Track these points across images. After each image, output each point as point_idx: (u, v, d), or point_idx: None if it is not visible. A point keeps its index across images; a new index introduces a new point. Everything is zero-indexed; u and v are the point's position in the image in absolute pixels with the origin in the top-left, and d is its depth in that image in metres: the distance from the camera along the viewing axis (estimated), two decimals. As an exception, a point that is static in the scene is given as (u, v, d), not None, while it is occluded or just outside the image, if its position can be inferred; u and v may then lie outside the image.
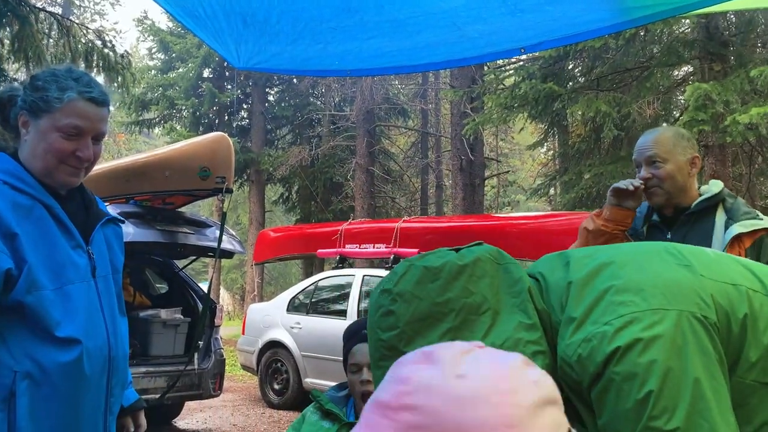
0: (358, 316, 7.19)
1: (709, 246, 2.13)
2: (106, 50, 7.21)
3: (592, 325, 0.99)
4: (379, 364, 1.05)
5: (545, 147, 17.32)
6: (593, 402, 0.99)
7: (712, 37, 7.43)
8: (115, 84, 7.69)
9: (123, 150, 25.59)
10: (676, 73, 8.48)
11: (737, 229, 2.07)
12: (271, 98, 19.77)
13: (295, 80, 18.51)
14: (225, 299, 26.54)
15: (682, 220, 2.20)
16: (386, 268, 7.45)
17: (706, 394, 0.93)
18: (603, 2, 2.81)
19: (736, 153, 8.53)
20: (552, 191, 15.08)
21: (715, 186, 2.21)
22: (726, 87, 5.98)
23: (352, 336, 2.17)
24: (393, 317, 1.02)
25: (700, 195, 2.22)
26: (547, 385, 0.66)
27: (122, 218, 1.87)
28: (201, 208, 23.79)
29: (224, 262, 24.29)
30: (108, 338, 1.63)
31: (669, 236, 2.22)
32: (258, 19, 3.30)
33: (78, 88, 1.54)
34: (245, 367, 8.51)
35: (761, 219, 2.13)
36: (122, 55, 7.50)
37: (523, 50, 3.10)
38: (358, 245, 7.82)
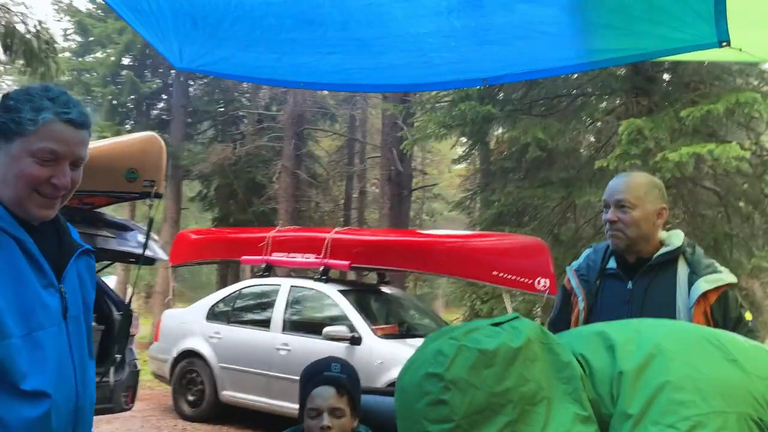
0: (283, 328, 7.00)
1: (674, 298, 2.16)
2: (28, 36, 6.58)
3: (654, 425, 0.94)
4: None
5: (467, 161, 17.66)
6: None
7: (638, 72, 7.77)
8: (39, 73, 7.10)
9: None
10: (603, 104, 8.83)
11: (703, 285, 2.09)
12: (192, 91, 19.07)
13: (220, 75, 17.93)
14: (129, 296, 25.39)
15: (643, 270, 2.21)
16: (315, 279, 7.28)
17: None
18: (571, 42, 2.82)
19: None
20: (471, 204, 15.37)
21: (676, 238, 2.23)
22: (657, 124, 6.26)
23: (311, 379, 2.06)
24: (446, 408, 0.91)
25: (662, 244, 2.25)
26: None
27: (93, 248, 1.65)
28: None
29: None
30: (76, 388, 1.46)
31: (630, 286, 2.22)
32: (209, 22, 3.11)
33: (54, 108, 1.37)
34: (157, 376, 8.10)
35: (721, 272, 2.17)
36: (47, 42, 6.88)
37: (485, 81, 3.07)
38: (286, 254, 7.60)
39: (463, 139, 14.79)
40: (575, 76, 8.19)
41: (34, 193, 1.38)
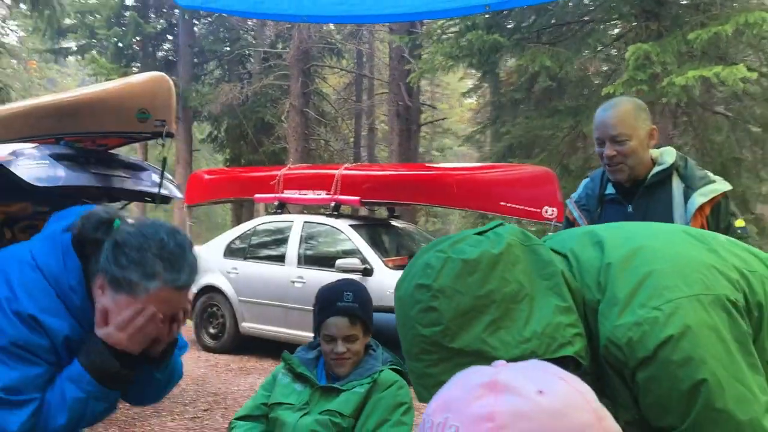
0: (297, 262, 7.19)
1: (671, 215, 2.23)
2: (31, -23, 6.58)
3: (641, 308, 1.04)
4: (419, 357, 1.05)
5: (477, 94, 17.45)
6: (640, 383, 1.06)
7: (648, -5, 7.60)
8: (45, 17, 7.06)
9: (34, 79, 23.77)
10: (614, 30, 8.65)
11: (699, 200, 2.15)
12: (198, 31, 18.83)
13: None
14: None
15: (640, 193, 2.26)
16: (327, 215, 7.43)
17: (745, 372, 1.02)
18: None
19: (662, 109, 8.89)
20: (482, 138, 15.30)
21: (668, 156, 2.26)
22: (664, 48, 6.18)
23: (327, 307, 2.14)
24: (435, 314, 1.02)
25: (654, 164, 2.30)
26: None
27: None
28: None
29: (147, 200, 23.39)
30: None
31: (630, 209, 2.28)
32: (210, -43, 3.12)
33: (165, 276, 1.32)
34: (178, 312, 8.40)
35: (716, 181, 2.21)
36: (51, -17, 6.88)
37: (488, 7, 3.07)
38: (297, 191, 7.73)
39: (473, 72, 14.63)
40: (585, 1, 8.01)
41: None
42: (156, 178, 5.36)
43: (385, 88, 15.36)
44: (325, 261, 7.04)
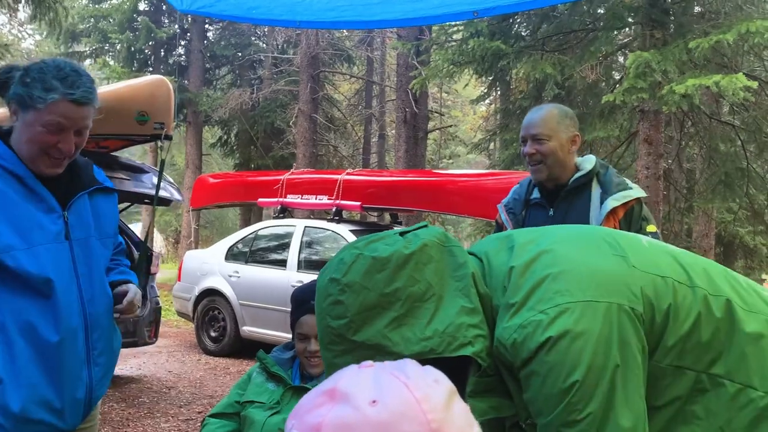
0: (298, 267, 7.22)
1: (587, 219, 2.29)
2: (35, -17, 6.70)
3: (529, 311, 1.06)
4: (328, 347, 1.09)
5: (488, 101, 17.45)
6: (522, 380, 1.08)
7: (654, 4, 7.57)
8: (46, 19, 7.18)
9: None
10: (619, 37, 8.63)
11: (611, 203, 2.25)
12: (210, 36, 19.00)
13: (236, 19, 17.76)
14: (158, 242, 25.99)
15: (561, 197, 2.35)
16: (328, 220, 7.45)
17: (617, 384, 1.03)
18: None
19: (669, 118, 8.85)
20: (492, 146, 15.30)
21: (588, 162, 2.36)
22: (665, 56, 6.15)
23: (299, 306, 2.17)
24: (342, 307, 1.05)
25: (577, 169, 2.35)
26: (443, 377, 0.70)
27: (114, 187, 1.95)
28: (134, 150, 22.96)
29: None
30: (81, 294, 1.73)
31: (551, 213, 2.37)
32: (204, -39, 3.16)
33: (62, 89, 1.61)
34: (181, 314, 8.45)
35: (631, 188, 2.31)
36: (54, -12, 7.00)
37: (476, 14, 3.08)
38: (300, 195, 7.77)
39: (483, 79, 14.64)
40: (589, 10, 8.01)
41: (44, 155, 1.66)
42: (156, 180, 5.41)
43: (395, 94, 15.41)
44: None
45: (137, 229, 17.95)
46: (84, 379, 1.74)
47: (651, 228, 2.27)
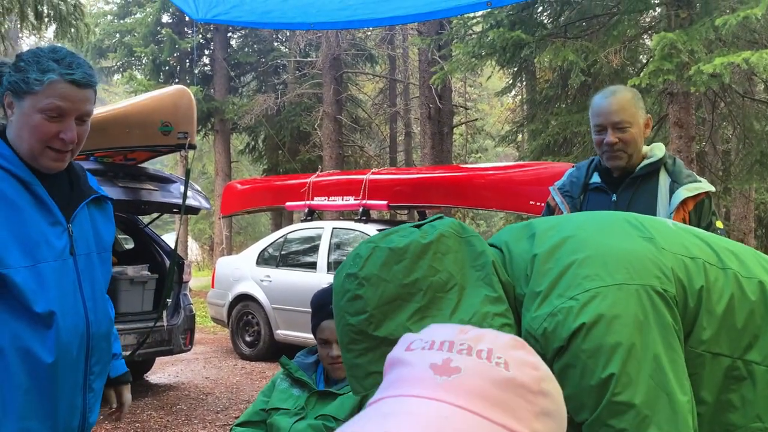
0: (328, 269, 7.23)
1: (655, 207, 2.20)
2: (57, 0, 6.81)
3: (558, 298, 1.01)
4: (349, 347, 1.05)
5: (513, 92, 17.27)
6: (556, 374, 1.01)
7: (679, -17, 7.38)
8: (69, 36, 7.34)
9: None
10: (643, 19, 8.43)
11: (684, 193, 2.16)
12: (233, 44, 19.20)
13: (258, 25, 17.92)
14: (193, 250, 26.37)
15: (627, 183, 2.26)
16: (355, 220, 7.45)
17: (664, 366, 0.97)
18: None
19: (699, 99, 8.62)
20: (520, 138, 15.12)
21: (658, 150, 2.27)
22: (691, 36, 5.98)
23: (319, 310, 2.14)
24: (361, 302, 1.01)
25: (644, 156, 2.26)
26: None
27: (110, 196, 1.83)
28: (166, 161, 23.33)
29: (192, 212, 23.92)
30: (86, 316, 1.62)
31: (614, 198, 2.27)
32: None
33: (59, 70, 1.51)
34: (216, 320, 8.54)
35: (701, 182, 2.23)
36: (75, 5, 7.09)
37: (489, 4, 3.03)
38: (326, 197, 7.78)
39: (506, 70, 14.49)
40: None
41: (46, 149, 1.53)
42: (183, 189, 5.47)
43: (419, 91, 15.35)
44: (355, 266, 7.05)
45: (171, 238, 18.25)
46: (79, 407, 1.63)
47: (719, 224, 2.19)
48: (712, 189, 2.20)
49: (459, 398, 0.56)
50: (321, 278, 7.18)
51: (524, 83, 14.55)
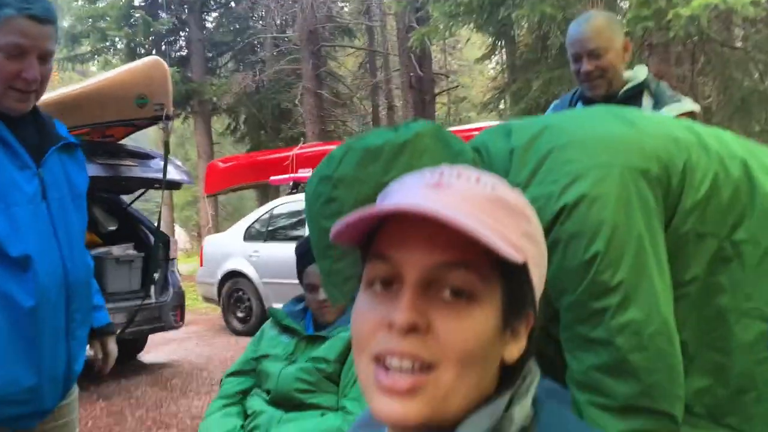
0: (315, 239, 7.19)
1: None
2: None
3: (538, 186, 0.98)
4: (326, 253, 1.02)
5: (493, 62, 17.16)
6: None
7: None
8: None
9: (60, 88, 24.22)
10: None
11: (666, 113, 2.09)
12: (208, 25, 18.89)
13: (232, 3, 17.66)
14: (181, 237, 26.19)
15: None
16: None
17: (646, 247, 0.95)
18: None
19: (679, 53, 8.60)
20: (502, 105, 15.06)
21: (640, 72, 2.22)
22: (667, -21, 5.92)
23: (303, 257, 2.17)
24: (336, 204, 0.98)
25: (626, 81, 2.23)
26: None
27: (78, 142, 1.77)
28: (147, 140, 23.04)
29: (177, 199, 23.74)
30: (63, 261, 1.58)
31: None
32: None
33: (16, 4, 1.45)
34: (207, 299, 8.50)
35: (684, 101, 2.18)
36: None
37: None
38: (311, 169, 7.71)
39: (485, 36, 14.38)
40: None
41: (8, 89, 1.49)
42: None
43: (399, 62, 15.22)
44: (343, 235, 7.02)
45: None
46: (63, 355, 1.61)
47: None
48: (696, 108, 2.15)
49: (452, 203, 0.59)
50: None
51: (504, 49, 14.45)
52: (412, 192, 0.63)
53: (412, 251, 0.60)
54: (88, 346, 1.81)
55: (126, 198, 6.33)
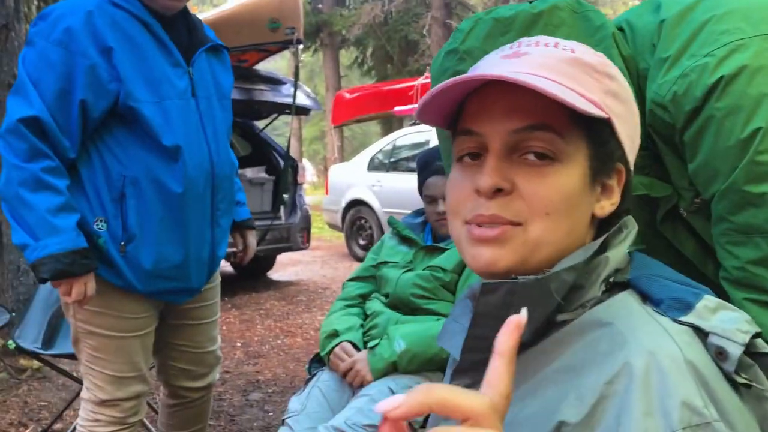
0: (438, 170, 7.17)
1: None
2: None
3: (690, 58, 0.88)
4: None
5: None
6: (687, 145, 0.90)
7: None
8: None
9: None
10: None
11: None
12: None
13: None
14: (309, 170, 27.13)
15: None
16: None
17: None
18: None
19: None
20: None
21: None
22: None
23: (424, 168, 2.15)
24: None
25: None
26: None
27: (225, 45, 1.88)
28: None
29: (306, 133, 24.49)
30: (210, 156, 1.70)
31: None
32: None
33: None
34: (331, 226, 8.83)
35: None
36: None
37: None
38: (435, 99, 7.64)
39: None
40: None
41: None
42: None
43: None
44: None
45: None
46: (208, 239, 1.73)
47: None
48: None
49: (528, 69, 0.61)
50: (431, 180, 7.16)
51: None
52: (489, 63, 0.65)
53: (493, 121, 0.62)
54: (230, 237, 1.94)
55: (259, 124, 6.62)
